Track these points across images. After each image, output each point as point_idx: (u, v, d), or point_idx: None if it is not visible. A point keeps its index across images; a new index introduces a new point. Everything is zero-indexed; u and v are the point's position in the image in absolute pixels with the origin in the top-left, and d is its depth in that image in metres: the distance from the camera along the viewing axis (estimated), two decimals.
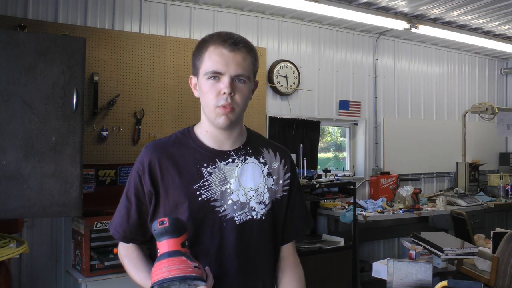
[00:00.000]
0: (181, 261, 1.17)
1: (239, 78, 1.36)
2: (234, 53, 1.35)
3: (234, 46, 1.35)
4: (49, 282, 3.65)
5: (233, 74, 1.35)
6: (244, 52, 1.37)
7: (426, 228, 5.10)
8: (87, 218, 3.17)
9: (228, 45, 1.35)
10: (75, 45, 2.99)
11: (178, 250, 1.19)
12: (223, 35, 1.38)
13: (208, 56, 1.37)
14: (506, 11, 4.92)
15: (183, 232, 1.22)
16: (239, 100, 1.37)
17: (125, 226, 1.43)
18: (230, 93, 1.34)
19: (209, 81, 1.36)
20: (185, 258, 1.18)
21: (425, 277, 2.92)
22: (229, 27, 4.52)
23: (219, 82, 1.35)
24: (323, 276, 4.28)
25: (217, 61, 1.35)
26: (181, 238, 1.21)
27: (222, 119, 1.37)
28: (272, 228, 1.47)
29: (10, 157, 2.78)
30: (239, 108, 1.38)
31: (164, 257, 1.18)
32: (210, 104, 1.37)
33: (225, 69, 1.34)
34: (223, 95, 1.35)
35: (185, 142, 1.46)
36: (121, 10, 4.02)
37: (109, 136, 3.83)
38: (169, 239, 1.20)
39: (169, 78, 4.15)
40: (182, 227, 1.23)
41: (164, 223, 1.20)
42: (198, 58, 1.40)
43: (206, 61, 1.37)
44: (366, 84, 5.59)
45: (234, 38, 1.37)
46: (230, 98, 1.35)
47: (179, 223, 1.23)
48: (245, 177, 1.44)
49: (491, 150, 6.84)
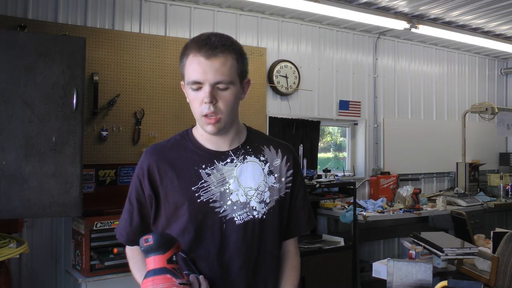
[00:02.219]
0: (165, 279, 1.18)
1: (220, 85, 1.33)
2: (211, 60, 1.31)
3: (211, 53, 1.31)
4: (49, 282, 3.65)
5: (212, 81, 1.32)
6: (223, 57, 1.32)
7: (426, 228, 5.09)
8: (87, 218, 3.18)
9: (204, 52, 1.31)
10: (75, 45, 2.99)
11: (163, 267, 1.20)
12: (200, 41, 1.34)
13: (188, 65, 1.35)
14: (506, 11, 4.92)
15: (169, 247, 1.22)
16: (222, 107, 1.35)
17: (128, 230, 1.47)
18: (211, 102, 1.33)
19: (193, 91, 1.36)
20: (170, 276, 1.19)
21: (425, 277, 2.92)
22: (229, 27, 4.52)
23: (201, 91, 1.34)
24: (323, 276, 4.27)
25: (196, 70, 1.33)
26: (167, 254, 1.21)
27: (209, 128, 1.37)
28: (274, 227, 1.47)
29: (10, 157, 2.78)
30: (225, 114, 1.36)
31: (150, 275, 1.19)
32: (196, 112, 1.38)
33: (204, 78, 1.32)
34: (205, 104, 1.34)
35: (184, 144, 1.47)
36: (121, 10, 4.02)
37: (109, 136, 3.83)
38: (155, 256, 1.20)
39: (169, 78, 4.15)
40: (168, 242, 1.23)
41: (149, 240, 1.20)
42: (182, 66, 1.40)
43: (187, 70, 1.36)
44: (366, 84, 5.59)
45: (211, 43, 1.32)
46: (213, 107, 1.34)
47: (164, 239, 1.23)
48: (244, 176, 1.44)
49: (491, 150, 6.84)
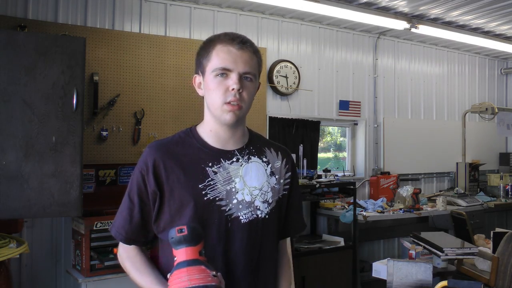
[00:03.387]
0: (200, 270, 1.17)
1: (247, 76, 1.39)
2: (242, 51, 1.39)
3: (242, 45, 1.39)
4: (49, 282, 3.65)
5: (242, 71, 1.38)
6: (251, 52, 1.41)
7: (426, 228, 5.10)
8: (87, 218, 3.18)
9: (236, 44, 1.39)
10: (75, 45, 2.99)
11: (196, 258, 1.19)
12: (231, 34, 1.42)
13: (216, 54, 1.39)
14: (506, 11, 4.92)
15: (200, 240, 1.22)
16: (246, 97, 1.40)
17: (127, 228, 1.42)
18: (239, 90, 1.37)
19: (217, 78, 1.38)
20: (204, 267, 1.18)
21: (425, 277, 2.92)
22: (229, 27, 4.52)
23: (227, 79, 1.38)
24: (323, 276, 4.28)
25: (226, 58, 1.38)
26: (198, 246, 1.20)
27: (229, 116, 1.38)
28: (274, 226, 1.49)
29: (10, 157, 2.78)
30: (246, 105, 1.41)
31: (183, 266, 1.17)
32: (217, 101, 1.39)
33: (234, 66, 1.37)
34: (232, 91, 1.37)
35: (189, 141, 1.46)
36: (121, 10, 4.02)
37: (109, 136, 3.83)
38: (188, 248, 1.19)
39: (169, 78, 4.15)
40: (199, 235, 1.22)
41: (183, 231, 1.19)
42: (204, 57, 1.42)
43: (214, 58, 1.39)
44: (366, 84, 5.59)
45: (241, 38, 1.41)
46: (239, 95, 1.37)
47: (197, 231, 1.22)
48: (249, 176, 1.45)
49: (491, 150, 6.83)
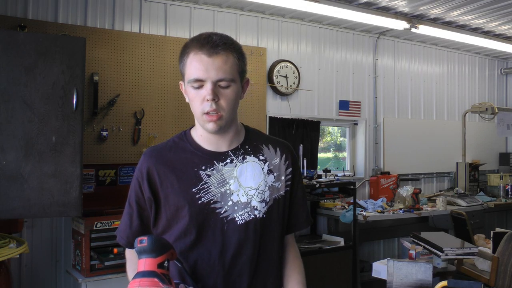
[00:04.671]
0: (152, 282, 1.17)
1: (221, 83, 1.35)
2: (214, 58, 1.33)
3: (213, 50, 1.33)
4: (49, 282, 3.65)
5: (215, 79, 1.33)
6: (224, 55, 1.34)
7: (426, 228, 5.09)
8: (87, 218, 3.18)
9: (206, 50, 1.33)
10: (75, 45, 2.99)
11: (152, 270, 1.19)
12: (202, 39, 1.35)
13: (190, 63, 1.36)
14: (506, 11, 4.92)
15: (162, 252, 1.22)
16: (224, 104, 1.36)
17: (128, 232, 1.46)
18: (214, 99, 1.34)
19: (193, 89, 1.36)
20: (157, 280, 1.18)
21: (425, 277, 2.92)
22: (229, 27, 4.52)
23: (202, 89, 1.35)
24: (323, 276, 4.28)
25: (198, 68, 1.34)
26: (159, 258, 1.21)
27: (211, 125, 1.37)
28: (274, 225, 1.47)
29: (10, 157, 2.79)
30: (226, 112, 1.37)
31: (138, 276, 1.19)
32: (197, 111, 1.38)
33: (206, 76, 1.33)
34: (207, 102, 1.34)
35: (182, 146, 1.46)
36: (121, 10, 4.02)
37: (109, 136, 3.83)
38: (146, 259, 1.20)
39: (169, 78, 4.15)
40: (162, 247, 1.22)
41: (143, 242, 1.20)
42: (182, 65, 1.40)
43: (188, 68, 1.37)
44: (366, 84, 5.59)
45: (212, 42, 1.34)
46: (215, 104, 1.34)
47: (158, 243, 1.22)
48: (244, 176, 1.44)
49: (491, 150, 6.84)
